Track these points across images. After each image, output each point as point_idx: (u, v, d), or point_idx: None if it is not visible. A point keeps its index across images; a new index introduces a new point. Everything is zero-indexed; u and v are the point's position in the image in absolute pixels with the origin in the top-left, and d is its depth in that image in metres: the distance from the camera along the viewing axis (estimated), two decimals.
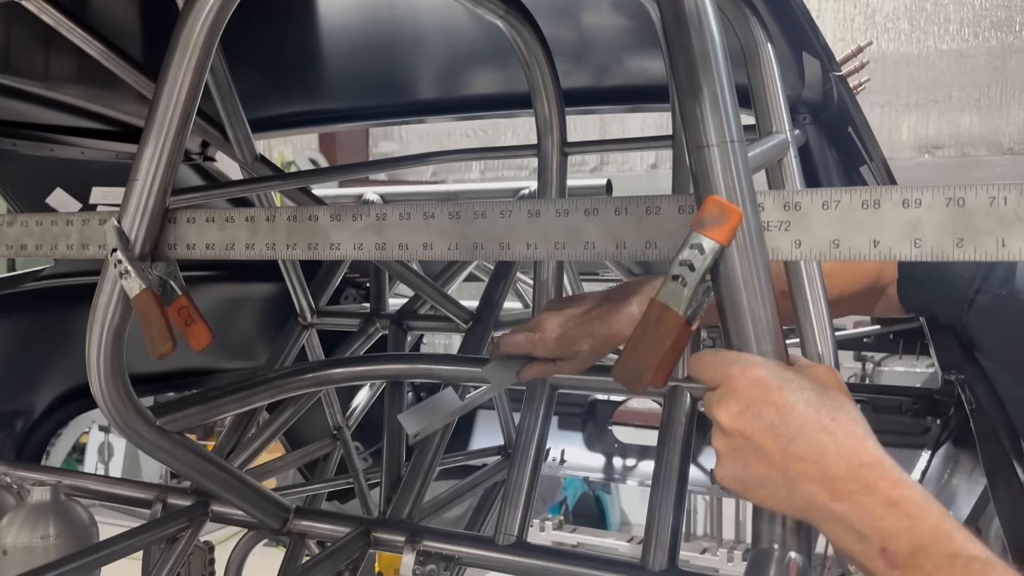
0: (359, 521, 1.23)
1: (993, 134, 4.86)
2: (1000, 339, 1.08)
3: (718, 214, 0.70)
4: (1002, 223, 0.62)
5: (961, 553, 0.64)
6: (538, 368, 1.13)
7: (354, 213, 0.89)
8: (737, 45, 0.91)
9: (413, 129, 5.64)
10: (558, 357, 1.11)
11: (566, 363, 1.12)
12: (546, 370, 1.13)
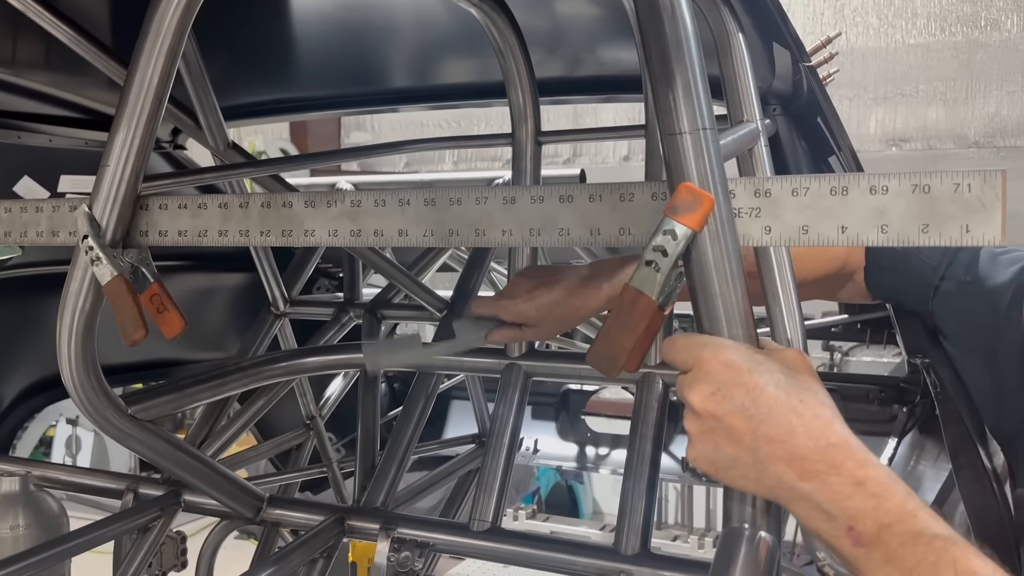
0: (333, 509, 1.23)
1: (959, 127, 4.94)
2: (964, 324, 1.11)
3: (690, 200, 0.71)
4: (966, 209, 0.63)
5: (925, 531, 0.66)
6: (504, 332, 1.15)
7: (328, 200, 0.89)
8: (709, 35, 0.92)
9: (385, 119, 5.62)
10: (526, 322, 1.13)
11: (531, 330, 1.15)
12: (514, 335, 1.16)
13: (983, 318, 1.09)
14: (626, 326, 0.76)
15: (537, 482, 5.17)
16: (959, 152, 4.85)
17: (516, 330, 1.14)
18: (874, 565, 0.67)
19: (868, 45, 4.97)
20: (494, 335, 1.15)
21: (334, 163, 1.78)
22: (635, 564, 1.03)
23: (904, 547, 0.65)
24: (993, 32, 4.85)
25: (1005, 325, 1.07)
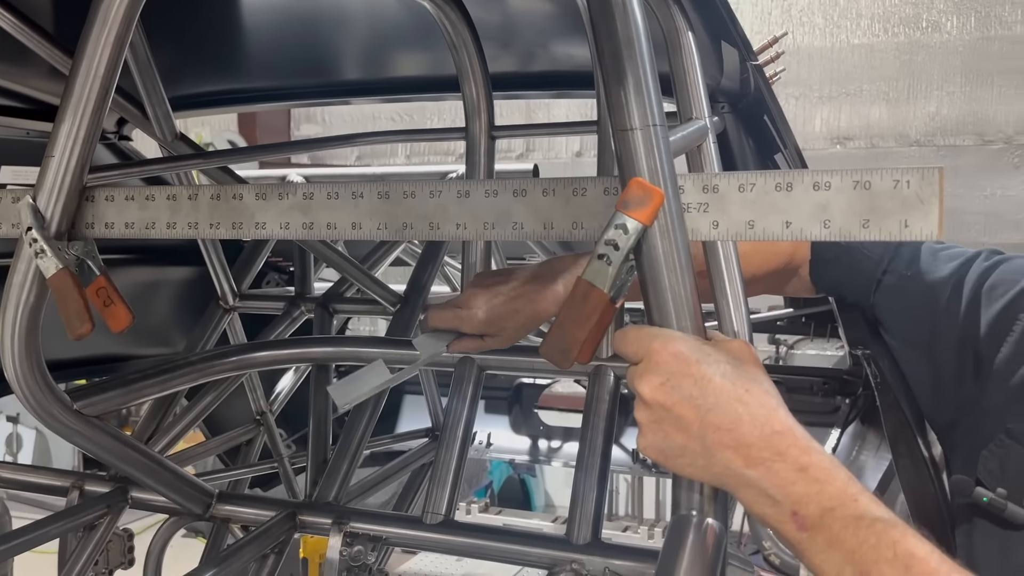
0: (284, 504, 1.23)
1: (901, 126, 5.07)
2: (904, 317, 1.15)
3: (641, 195, 0.73)
4: (905, 205, 0.66)
5: (866, 515, 0.68)
6: (466, 343, 1.15)
7: (280, 192, 0.88)
8: (660, 33, 0.93)
9: (337, 112, 5.56)
10: (486, 333, 1.13)
11: (493, 339, 1.14)
12: (474, 346, 1.15)
13: (923, 311, 1.13)
14: (578, 319, 0.77)
15: (490, 476, 5.19)
16: (901, 150, 4.98)
17: (478, 340, 1.14)
18: (817, 548, 0.69)
19: (814, 45, 5.07)
20: (456, 347, 1.15)
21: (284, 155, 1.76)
22: (586, 554, 1.04)
23: (846, 530, 0.68)
24: (934, 34, 4.99)
25: (943, 318, 1.11)
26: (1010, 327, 1.07)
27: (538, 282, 1.11)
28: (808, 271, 1.19)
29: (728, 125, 1.42)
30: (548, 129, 1.93)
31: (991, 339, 1.08)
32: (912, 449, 1.19)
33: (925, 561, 0.67)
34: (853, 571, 0.68)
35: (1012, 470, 1.03)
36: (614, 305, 0.77)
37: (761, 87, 1.23)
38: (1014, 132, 4.83)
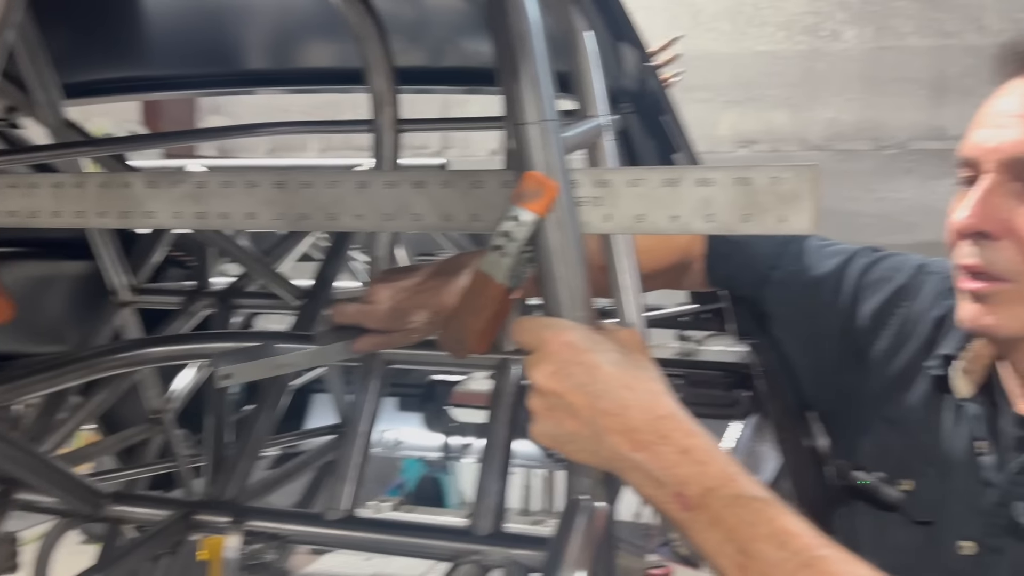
0: (180, 504, 1.20)
1: (802, 131, 5.27)
2: (791, 310, 1.20)
3: (536, 188, 0.74)
4: (782, 201, 0.69)
5: (744, 494, 0.72)
6: (370, 340, 1.13)
7: (171, 180, 0.86)
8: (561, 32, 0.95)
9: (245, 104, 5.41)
10: (391, 329, 1.12)
11: (399, 335, 1.13)
12: (379, 342, 1.14)
13: (808, 304, 1.18)
14: (475, 309, 0.78)
15: (403, 475, 5.15)
16: (802, 154, 5.17)
17: (383, 336, 1.11)
18: (700, 527, 0.72)
19: (721, 50, 5.22)
20: (360, 344, 1.12)
21: (179, 144, 1.69)
22: (488, 544, 1.05)
23: (726, 509, 0.71)
24: (834, 42, 5.19)
25: (826, 311, 1.17)
26: (887, 320, 1.14)
27: (443, 276, 1.11)
28: (702, 266, 1.24)
29: (632, 124, 1.45)
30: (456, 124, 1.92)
31: (870, 332, 1.14)
32: (794, 435, 1.25)
33: (799, 536, 0.71)
34: (733, 548, 0.71)
35: (888, 455, 1.09)
36: (511, 296, 0.78)
37: (656, 88, 1.26)
38: (907, 138, 5.08)
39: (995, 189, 0.95)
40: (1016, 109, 0.94)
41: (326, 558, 2.54)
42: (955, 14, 4.92)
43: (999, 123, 0.95)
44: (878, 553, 1.03)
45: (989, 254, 0.95)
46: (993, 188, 0.95)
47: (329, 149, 5.41)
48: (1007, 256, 0.94)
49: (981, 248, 0.95)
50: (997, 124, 0.95)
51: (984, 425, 1.03)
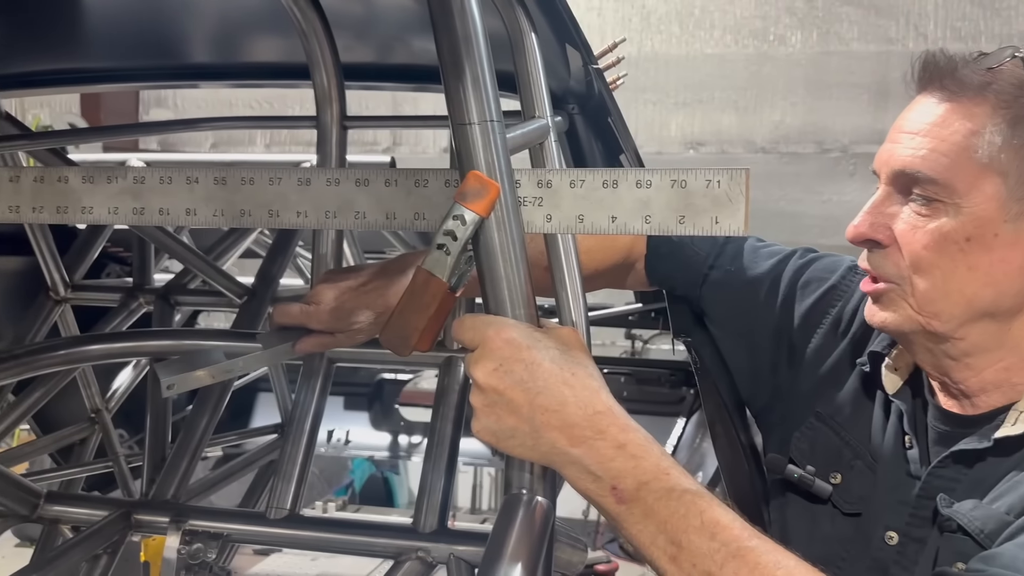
0: (118, 504, 1.18)
1: (748, 134, 5.35)
2: (728, 309, 1.23)
3: (478, 188, 0.75)
4: (716, 203, 0.71)
5: (676, 487, 0.74)
6: (314, 341, 1.12)
7: (109, 175, 0.85)
8: (506, 33, 0.96)
9: (190, 98, 5.31)
10: (335, 330, 1.11)
11: (344, 336, 1.12)
12: (323, 343, 1.13)
13: (744, 304, 1.21)
14: (418, 307, 0.78)
15: (351, 475, 5.11)
16: (748, 156, 5.26)
17: (328, 337, 1.11)
18: (634, 519, 0.74)
19: (671, 53, 5.28)
20: (302, 345, 1.11)
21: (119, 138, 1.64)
22: (432, 541, 1.06)
23: (659, 502, 0.73)
24: (780, 47, 5.29)
25: (762, 310, 1.20)
26: (820, 320, 1.17)
27: (388, 276, 1.11)
28: (643, 265, 1.26)
29: (579, 126, 1.47)
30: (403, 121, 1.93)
31: (803, 330, 1.18)
32: (728, 430, 1.28)
33: (729, 528, 0.73)
34: (665, 539, 0.73)
35: (820, 449, 1.13)
36: (454, 294, 0.79)
37: (602, 91, 1.28)
38: (850, 142, 5.20)
39: (885, 200, 1.02)
40: (909, 126, 1.00)
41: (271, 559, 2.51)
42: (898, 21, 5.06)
43: (894, 138, 1.02)
44: (809, 544, 1.07)
45: (878, 260, 1.02)
46: (884, 199, 1.02)
47: (275, 144, 5.33)
48: (893, 261, 1.00)
49: (872, 254, 1.03)
50: (893, 139, 1.02)
51: (909, 420, 1.07)
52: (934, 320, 0.99)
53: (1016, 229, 0.96)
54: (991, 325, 0.99)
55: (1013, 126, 0.95)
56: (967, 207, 0.96)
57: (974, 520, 0.94)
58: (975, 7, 4.97)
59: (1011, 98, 0.96)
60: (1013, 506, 0.92)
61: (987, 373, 1.01)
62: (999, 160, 0.95)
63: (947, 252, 0.97)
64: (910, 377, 1.10)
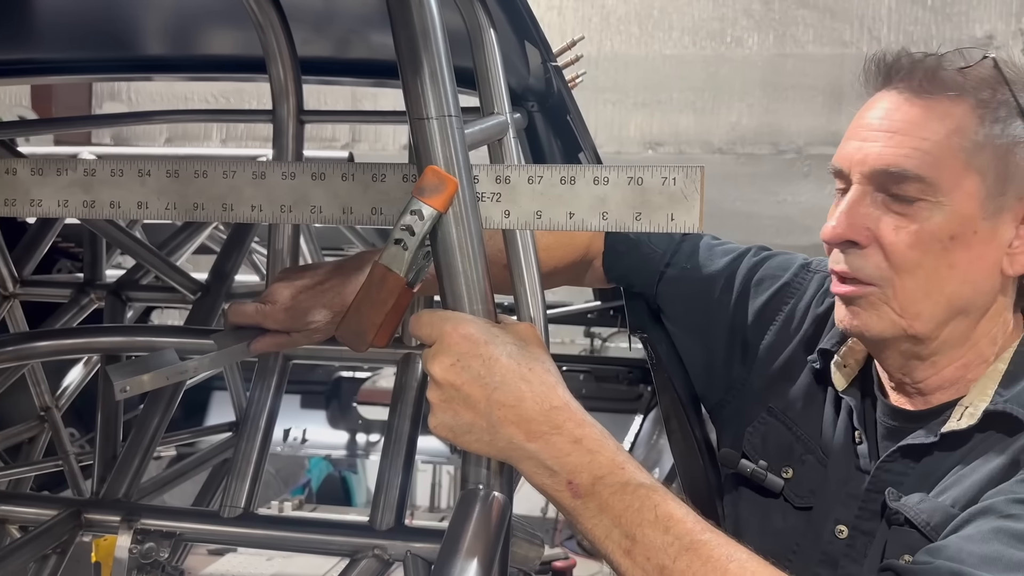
0: (68, 503, 1.15)
1: (705, 135, 5.41)
2: (684, 305, 1.24)
3: (436, 183, 0.75)
4: (671, 200, 0.72)
5: (631, 481, 0.74)
6: (270, 340, 1.11)
7: (59, 167, 0.83)
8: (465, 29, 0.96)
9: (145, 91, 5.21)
10: (291, 329, 1.10)
11: (300, 335, 1.11)
12: (279, 343, 1.11)
13: (699, 300, 1.23)
14: (374, 302, 0.78)
15: (308, 474, 5.06)
16: (705, 157, 5.31)
17: (284, 337, 1.09)
18: (590, 514, 0.75)
19: (630, 53, 5.31)
20: (257, 345, 1.09)
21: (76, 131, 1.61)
22: (388, 539, 1.05)
23: (614, 496, 0.74)
24: (737, 48, 5.35)
25: (717, 307, 1.22)
26: (773, 317, 1.19)
27: (345, 275, 1.10)
28: (601, 263, 1.27)
29: (538, 123, 1.47)
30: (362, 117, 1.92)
31: (757, 327, 1.20)
32: (683, 425, 1.30)
33: (682, 522, 0.74)
34: (620, 533, 0.74)
35: (772, 444, 1.15)
36: (411, 290, 0.79)
37: (561, 89, 1.29)
38: (804, 143, 5.28)
39: (861, 200, 1.00)
40: (879, 123, 1.00)
41: (226, 559, 2.48)
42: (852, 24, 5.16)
43: (864, 136, 1.01)
44: (762, 538, 1.09)
45: (856, 261, 1.01)
46: (859, 199, 1.00)
47: (231, 140, 5.25)
48: (873, 262, 1.00)
49: (849, 255, 1.01)
50: (863, 137, 1.01)
51: (859, 415, 1.09)
52: (916, 321, 0.99)
53: (992, 226, 0.98)
54: (963, 323, 1.01)
55: (990, 125, 0.97)
56: (950, 205, 0.96)
57: (920, 513, 0.96)
58: (927, 12, 5.08)
59: (987, 98, 0.97)
60: (958, 499, 0.94)
61: (947, 371, 1.03)
62: (978, 158, 0.97)
63: (931, 251, 0.97)
64: (859, 373, 1.12)
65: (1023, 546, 0.82)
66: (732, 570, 0.73)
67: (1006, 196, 0.98)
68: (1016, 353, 1.01)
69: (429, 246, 0.77)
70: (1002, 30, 4.81)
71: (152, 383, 1.03)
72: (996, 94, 0.98)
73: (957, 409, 1.00)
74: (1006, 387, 0.99)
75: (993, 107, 0.97)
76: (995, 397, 0.99)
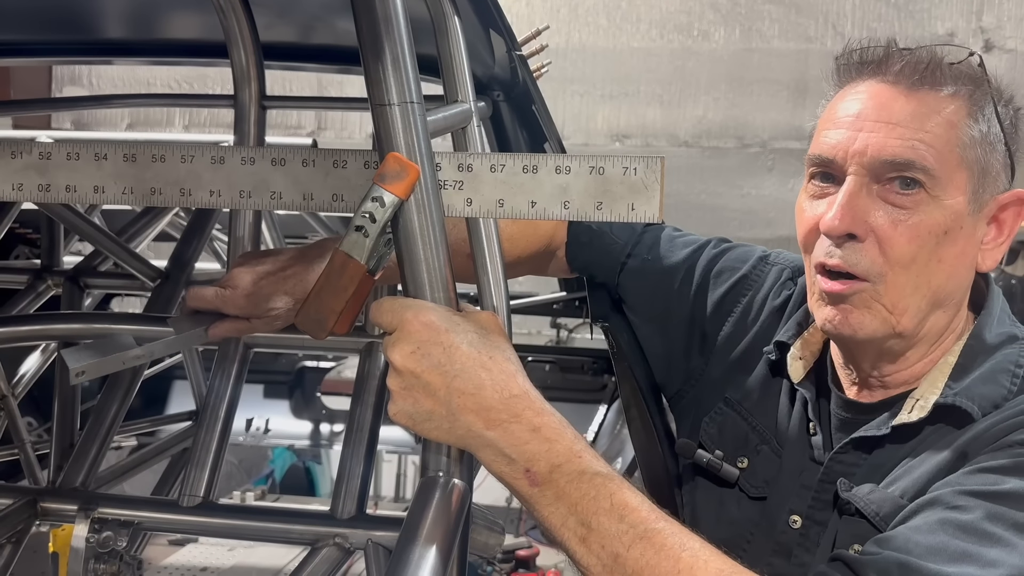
0: (23, 491, 1.13)
1: (672, 127, 5.44)
2: (645, 296, 1.26)
3: (398, 170, 0.75)
4: (632, 190, 0.72)
5: (588, 470, 0.75)
6: (229, 326, 1.10)
7: (13, 150, 0.81)
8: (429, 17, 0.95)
9: (107, 75, 5.11)
10: (251, 315, 1.09)
11: (261, 322, 1.10)
12: (238, 328, 1.11)
13: (660, 291, 1.24)
14: (335, 289, 0.78)
15: (271, 464, 5.02)
16: (671, 150, 5.34)
17: (243, 323, 1.09)
18: (546, 502, 0.75)
19: (598, 45, 5.32)
20: (216, 330, 1.08)
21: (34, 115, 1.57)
22: (349, 527, 1.05)
23: (570, 484, 0.75)
24: (704, 42, 5.38)
25: (677, 298, 1.23)
26: (732, 308, 1.21)
27: (307, 261, 1.09)
28: (564, 253, 1.28)
29: (504, 113, 1.47)
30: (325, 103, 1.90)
31: (716, 318, 1.21)
32: (643, 414, 1.31)
33: (637, 510, 0.75)
34: (576, 521, 0.75)
35: (728, 434, 1.16)
36: (372, 277, 0.79)
37: (526, 79, 1.29)
38: (769, 137, 5.33)
39: (859, 191, 0.98)
40: (877, 114, 0.98)
41: (186, 550, 2.46)
42: (817, 20, 5.21)
43: (860, 127, 0.98)
44: (717, 527, 1.11)
45: (852, 255, 0.98)
46: (857, 190, 0.98)
47: (194, 126, 5.17)
48: (870, 256, 0.98)
49: (845, 249, 0.98)
50: (858, 127, 0.98)
51: (813, 407, 1.11)
52: (903, 317, 0.99)
53: (975, 222, 0.99)
54: (940, 317, 1.02)
55: (978, 123, 0.98)
56: (946, 199, 0.97)
57: (870, 503, 0.98)
58: (890, 8, 5.15)
59: (977, 96, 0.98)
60: (907, 490, 0.96)
61: (917, 366, 1.04)
62: (969, 155, 0.97)
63: (926, 246, 0.97)
64: (815, 365, 1.14)
65: (968, 537, 0.84)
66: (685, 559, 0.74)
67: (985, 193, 0.99)
68: (966, 346, 1.03)
69: (391, 233, 0.77)
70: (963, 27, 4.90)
71: (109, 366, 1.02)
72: (982, 93, 0.99)
73: (908, 402, 1.02)
74: (956, 380, 1.01)
75: (981, 104, 0.99)
76: (945, 390, 1.00)
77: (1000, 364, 1.00)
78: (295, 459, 5.10)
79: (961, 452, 0.95)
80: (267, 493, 3.27)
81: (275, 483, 4.86)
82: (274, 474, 4.97)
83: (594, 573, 0.75)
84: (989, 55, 4.82)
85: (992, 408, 0.97)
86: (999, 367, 1.00)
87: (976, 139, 0.98)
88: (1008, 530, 0.84)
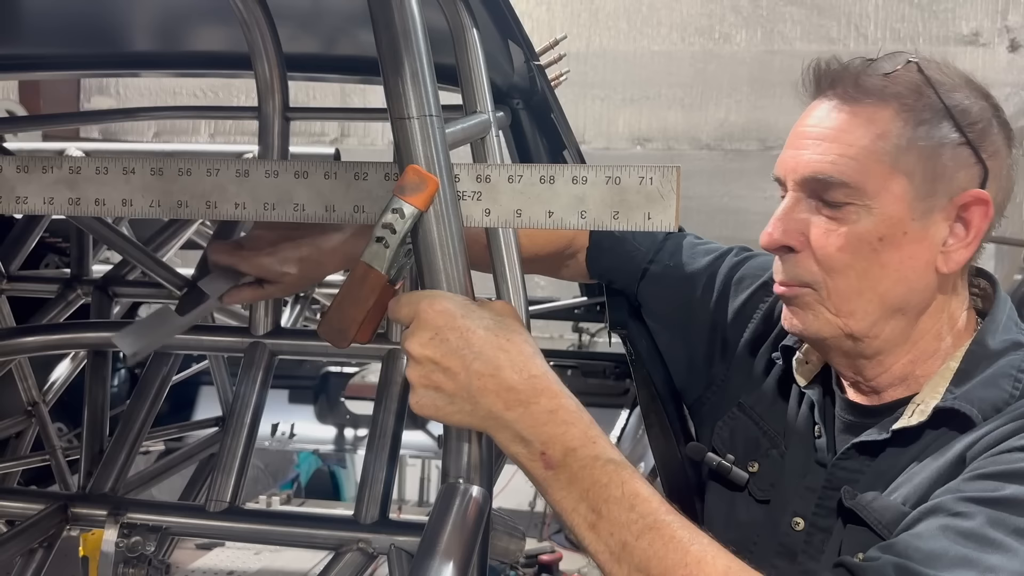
0: (55, 497, 1.16)
1: (693, 131, 5.41)
2: (666, 303, 1.26)
3: (417, 182, 0.76)
4: (648, 199, 0.73)
5: (601, 456, 0.76)
6: (244, 292, 1.11)
7: (44, 165, 0.84)
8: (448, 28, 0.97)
9: (134, 86, 5.19)
10: (266, 276, 1.10)
11: (273, 287, 1.11)
12: (253, 295, 1.12)
13: (681, 298, 1.25)
14: (356, 299, 0.79)
15: (297, 469, 5.07)
16: (693, 153, 5.32)
17: (257, 288, 1.10)
18: (559, 485, 0.76)
19: (619, 49, 5.32)
20: (231, 296, 1.10)
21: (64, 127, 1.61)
22: (373, 532, 1.06)
23: (584, 470, 0.75)
24: (725, 45, 5.36)
25: (698, 305, 1.24)
26: (752, 315, 1.22)
27: (325, 233, 1.10)
28: (584, 257, 1.28)
29: (524, 121, 1.48)
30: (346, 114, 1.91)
31: (736, 325, 1.22)
32: (661, 420, 1.31)
33: (648, 500, 0.76)
34: (586, 507, 0.75)
35: (740, 439, 1.17)
36: (392, 287, 0.80)
37: (544, 88, 1.30)
38: None
39: (795, 206, 1.03)
40: (810, 131, 1.03)
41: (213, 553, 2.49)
42: (839, 21, 5.17)
43: (797, 144, 1.04)
44: (727, 530, 1.11)
45: (791, 269, 1.04)
46: (793, 205, 1.03)
47: (219, 134, 5.23)
48: (805, 266, 1.03)
49: (785, 262, 1.05)
50: (796, 145, 1.04)
51: (819, 410, 1.11)
52: (851, 319, 1.02)
53: (923, 227, 1.00)
54: (901, 321, 1.03)
55: (915, 128, 0.99)
56: (878, 208, 0.99)
57: (873, 512, 0.98)
58: (914, 9, 5.10)
59: (912, 101, 0.99)
60: (909, 496, 0.96)
61: (895, 368, 1.05)
62: (904, 161, 0.98)
63: (861, 253, 0.99)
64: (821, 369, 1.14)
65: (968, 543, 0.84)
66: (693, 552, 0.74)
67: (936, 196, 0.99)
68: (968, 352, 1.03)
69: (411, 244, 0.79)
70: (988, 27, 4.84)
71: (159, 340, 1.05)
72: (921, 97, 0.99)
73: (909, 407, 1.02)
74: (957, 385, 1.01)
75: (918, 110, 0.99)
76: (946, 395, 1.00)
77: (1002, 369, 1.00)
78: (320, 463, 5.14)
79: (961, 457, 0.95)
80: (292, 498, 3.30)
81: (301, 487, 4.90)
82: (300, 478, 5.01)
83: (602, 560, 0.76)
84: (1015, 54, 4.76)
85: (993, 412, 0.97)
86: (1001, 372, 1.00)
87: (911, 145, 0.98)
88: (1008, 535, 0.83)
